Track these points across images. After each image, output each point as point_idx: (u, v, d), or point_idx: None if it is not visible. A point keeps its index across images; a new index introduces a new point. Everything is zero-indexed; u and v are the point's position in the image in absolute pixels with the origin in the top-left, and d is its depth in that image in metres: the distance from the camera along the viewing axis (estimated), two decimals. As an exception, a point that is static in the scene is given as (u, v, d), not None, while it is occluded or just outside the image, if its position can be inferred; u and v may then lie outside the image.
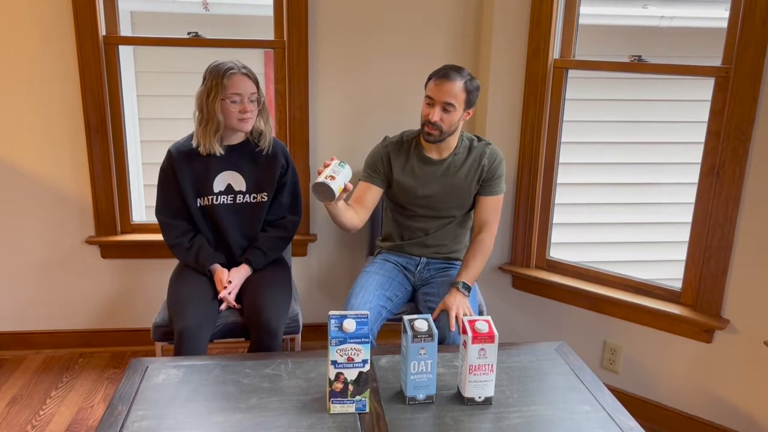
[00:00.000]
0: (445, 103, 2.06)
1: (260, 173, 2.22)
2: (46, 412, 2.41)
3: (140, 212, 3.34)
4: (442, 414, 1.52)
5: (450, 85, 2.05)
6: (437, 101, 2.07)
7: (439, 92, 2.06)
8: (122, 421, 1.46)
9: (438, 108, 2.07)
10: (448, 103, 2.06)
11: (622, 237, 4.14)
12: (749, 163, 2.11)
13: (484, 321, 1.54)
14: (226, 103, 2.07)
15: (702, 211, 2.25)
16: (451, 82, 2.06)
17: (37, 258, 2.74)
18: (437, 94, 2.06)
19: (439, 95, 2.06)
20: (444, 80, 2.06)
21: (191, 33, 2.60)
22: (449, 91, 2.05)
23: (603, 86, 3.94)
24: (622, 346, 2.50)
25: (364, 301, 2.08)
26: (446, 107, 2.07)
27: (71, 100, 2.58)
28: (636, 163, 4.05)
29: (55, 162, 2.64)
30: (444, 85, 2.06)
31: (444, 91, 2.06)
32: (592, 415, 1.53)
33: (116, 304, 2.85)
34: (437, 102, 2.07)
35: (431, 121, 2.08)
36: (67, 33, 2.50)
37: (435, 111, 2.07)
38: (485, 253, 2.19)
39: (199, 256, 2.17)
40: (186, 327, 1.94)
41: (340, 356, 1.47)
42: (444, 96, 2.06)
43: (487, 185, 2.21)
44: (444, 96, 2.06)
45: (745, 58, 2.05)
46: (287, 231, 2.29)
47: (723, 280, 2.22)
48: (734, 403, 2.27)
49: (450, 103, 2.06)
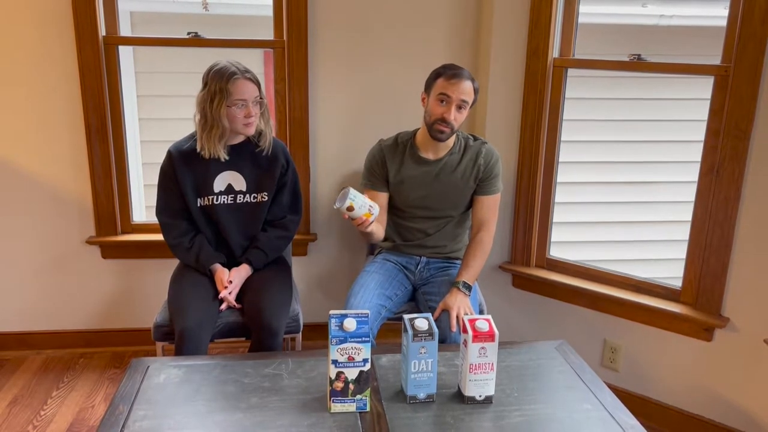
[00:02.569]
0: (461, 101, 2.07)
1: (260, 173, 2.22)
2: (47, 413, 2.41)
3: (140, 212, 3.34)
4: (443, 413, 1.52)
5: (465, 84, 2.07)
6: (454, 99, 2.07)
7: (455, 90, 2.06)
8: (123, 421, 1.46)
9: (453, 106, 2.07)
10: (464, 100, 2.07)
11: (621, 236, 4.14)
12: (749, 162, 2.11)
13: (485, 320, 1.54)
14: (231, 109, 2.06)
15: (702, 209, 2.25)
16: (465, 81, 2.07)
17: (38, 258, 2.75)
18: (454, 92, 2.06)
19: (457, 93, 2.06)
20: (459, 79, 2.07)
21: (191, 33, 2.60)
22: (465, 89, 2.07)
23: (603, 85, 3.94)
24: (623, 344, 2.50)
25: (363, 300, 2.08)
26: (461, 105, 2.08)
27: (71, 101, 2.58)
28: (635, 162, 4.05)
29: (56, 162, 2.65)
30: (460, 83, 2.06)
31: (460, 89, 2.06)
32: (592, 413, 1.54)
33: (117, 304, 2.85)
34: (453, 100, 2.07)
35: (446, 120, 2.08)
36: (67, 34, 2.51)
37: (451, 109, 2.07)
38: (485, 252, 2.19)
39: (200, 255, 2.17)
40: (187, 327, 1.94)
41: (340, 355, 1.47)
42: (461, 94, 2.06)
43: (484, 184, 2.21)
44: (461, 94, 2.06)
45: (745, 57, 2.05)
46: (287, 231, 2.29)
47: (723, 278, 2.22)
48: (734, 402, 2.27)
49: (465, 100, 2.07)
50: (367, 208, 1.87)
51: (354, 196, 1.84)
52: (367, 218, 1.88)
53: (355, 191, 1.86)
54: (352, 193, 1.84)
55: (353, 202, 1.83)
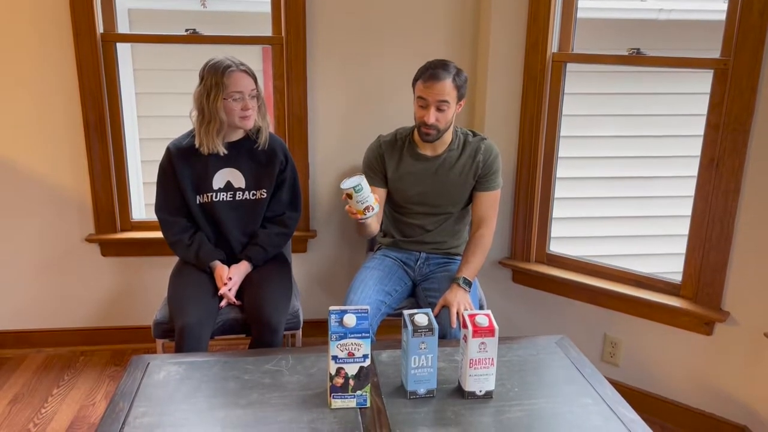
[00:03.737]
0: (438, 102, 2.04)
1: (259, 170, 2.22)
2: (47, 411, 2.42)
3: (140, 210, 3.33)
4: (443, 408, 1.52)
5: (440, 85, 2.03)
6: (430, 102, 2.04)
7: (430, 93, 2.03)
8: (124, 418, 1.46)
9: (432, 109, 2.05)
10: (442, 101, 2.04)
11: (621, 230, 4.15)
12: (748, 155, 2.11)
13: (485, 315, 1.54)
14: (228, 102, 2.07)
15: (701, 203, 2.25)
16: (440, 82, 2.02)
17: (37, 256, 2.74)
18: (429, 95, 2.04)
19: (432, 95, 2.03)
20: (433, 81, 2.03)
21: (189, 30, 2.60)
22: (441, 90, 2.03)
23: (602, 80, 3.93)
24: (623, 339, 2.50)
25: (363, 296, 2.08)
26: (440, 106, 2.05)
27: (69, 99, 2.57)
28: (635, 157, 4.05)
29: (54, 160, 2.64)
30: (434, 85, 2.03)
31: (436, 92, 2.03)
32: (592, 408, 1.54)
33: (117, 302, 2.85)
34: (431, 103, 2.05)
35: (427, 123, 2.07)
36: (65, 31, 2.50)
37: (430, 113, 2.04)
38: (485, 248, 2.19)
39: (200, 252, 2.17)
40: (187, 324, 1.94)
41: (340, 351, 1.47)
42: (436, 95, 2.03)
43: (484, 181, 2.21)
44: (436, 95, 2.03)
45: (744, 50, 2.04)
46: (287, 227, 2.29)
47: (723, 272, 2.22)
48: (735, 396, 2.28)
49: (444, 100, 2.04)
50: (366, 205, 1.85)
51: (361, 188, 1.81)
52: (359, 213, 1.84)
53: (366, 184, 1.83)
54: (362, 184, 1.81)
55: (356, 193, 1.81)
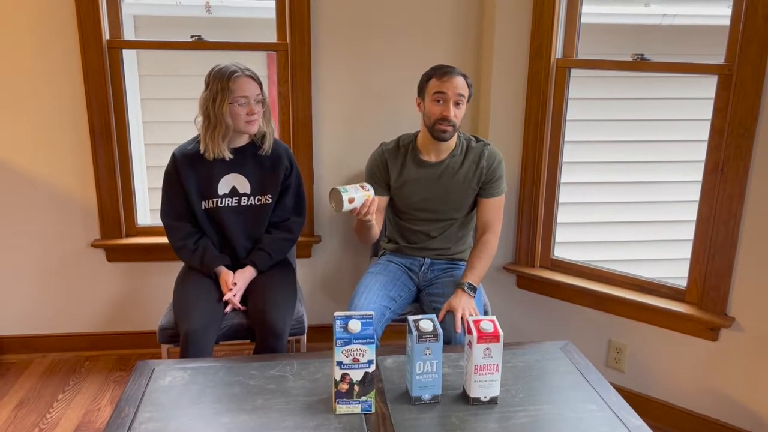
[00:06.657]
0: (458, 96, 2.08)
1: (264, 175, 2.22)
2: (53, 416, 2.42)
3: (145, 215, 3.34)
4: (448, 414, 1.52)
5: (458, 80, 2.09)
6: (450, 95, 2.07)
7: (449, 86, 2.08)
8: (129, 424, 1.46)
9: (451, 102, 2.08)
10: (461, 95, 2.08)
11: (626, 236, 4.13)
12: (753, 160, 2.10)
13: (489, 321, 1.54)
14: (233, 107, 2.08)
15: (706, 208, 2.25)
16: (457, 77, 2.09)
17: (43, 262, 2.76)
18: (449, 89, 2.07)
19: (452, 89, 2.07)
20: (450, 76, 2.09)
21: (194, 36, 2.61)
22: (459, 84, 2.09)
23: (606, 85, 3.93)
24: (628, 344, 2.49)
25: (367, 301, 2.08)
26: (458, 100, 2.09)
27: (76, 105, 2.59)
28: (640, 162, 4.04)
29: (60, 166, 2.65)
30: (452, 80, 2.08)
31: (455, 85, 2.08)
32: (597, 413, 1.53)
33: (122, 307, 2.86)
34: (450, 96, 2.07)
35: (447, 118, 2.08)
36: (71, 38, 2.51)
37: (449, 107, 2.08)
38: (490, 254, 2.19)
39: (204, 258, 2.17)
40: (192, 329, 1.95)
41: (345, 357, 1.47)
42: (456, 89, 2.08)
43: (488, 187, 2.21)
44: (456, 89, 2.08)
45: (748, 56, 2.04)
46: (291, 233, 2.30)
47: (728, 277, 2.21)
48: (740, 401, 2.27)
49: (461, 95, 2.09)
50: (363, 191, 1.90)
51: (345, 190, 1.85)
52: (369, 198, 1.90)
53: (343, 187, 1.87)
54: (343, 189, 1.85)
55: (351, 195, 1.85)
